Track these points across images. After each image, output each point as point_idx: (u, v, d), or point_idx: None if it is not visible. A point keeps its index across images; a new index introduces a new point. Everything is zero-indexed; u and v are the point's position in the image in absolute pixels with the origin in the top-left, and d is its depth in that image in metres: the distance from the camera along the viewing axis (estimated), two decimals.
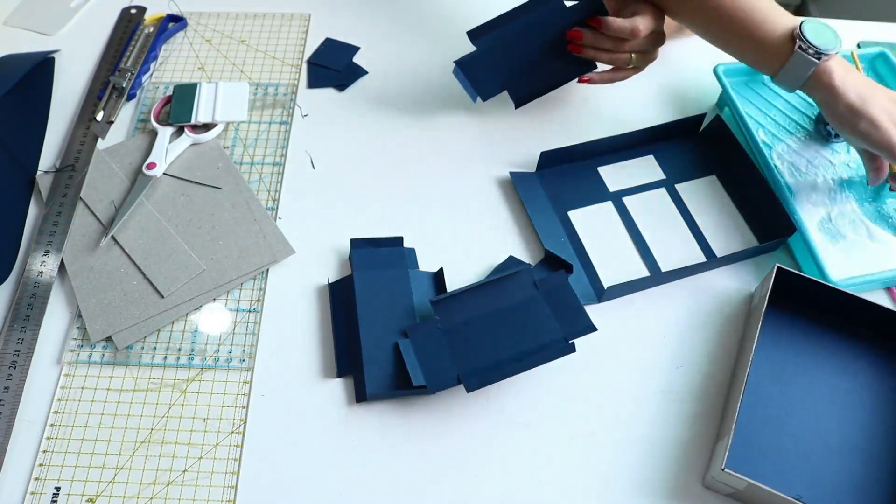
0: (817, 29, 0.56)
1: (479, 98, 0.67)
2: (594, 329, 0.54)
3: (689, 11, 0.62)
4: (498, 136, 0.71)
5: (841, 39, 0.57)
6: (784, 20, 0.58)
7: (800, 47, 0.56)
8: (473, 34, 0.62)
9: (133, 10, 0.80)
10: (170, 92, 0.72)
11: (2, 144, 0.67)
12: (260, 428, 0.54)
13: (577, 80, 0.67)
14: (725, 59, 0.65)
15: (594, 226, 0.64)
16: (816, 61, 0.56)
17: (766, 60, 0.59)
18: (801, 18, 0.58)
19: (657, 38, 0.65)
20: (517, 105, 0.69)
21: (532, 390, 0.56)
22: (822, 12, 1.29)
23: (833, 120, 0.58)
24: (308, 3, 0.82)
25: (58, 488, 0.51)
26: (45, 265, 0.61)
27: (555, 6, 0.61)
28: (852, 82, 0.56)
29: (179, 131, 0.69)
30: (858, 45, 0.78)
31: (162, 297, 0.59)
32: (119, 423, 0.54)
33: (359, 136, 0.71)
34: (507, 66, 0.66)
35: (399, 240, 0.61)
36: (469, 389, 0.52)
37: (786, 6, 0.59)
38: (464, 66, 0.65)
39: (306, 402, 0.55)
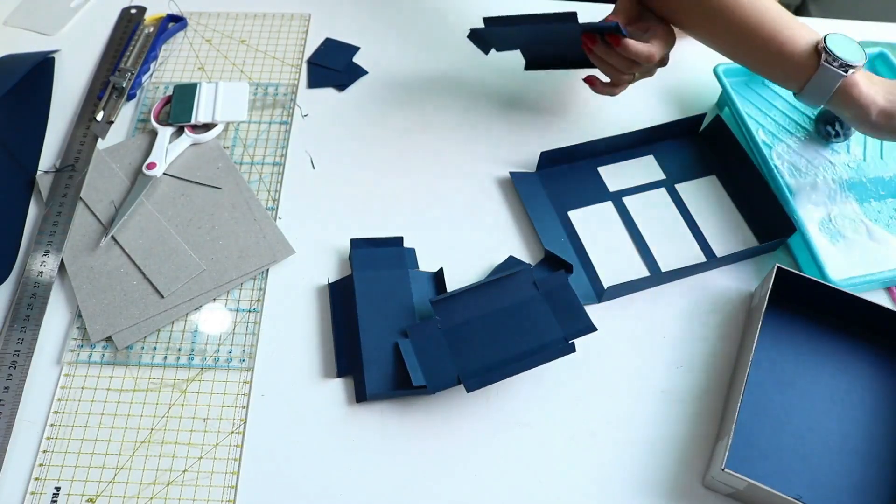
0: (841, 42, 0.56)
1: (492, 51, 0.68)
2: (594, 329, 0.54)
3: (714, 31, 0.61)
4: (498, 136, 0.71)
5: (865, 52, 0.56)
6: (807, 34, 0.57)
7: (826, 60, 0.55)
8: (488, 21, 0.62)
9: (133, 10, 0.80)
10: (170, 92, 0.72)
11: (2, 144, 0.67)
12: (260, 428, 0.54)
13: (584, 78, 0.67)
14: (725, 58, 0.65)
15: (594, 226, 0.64)
16: (844, 74, 0.55)
17: (791, 76, 0.58)
18: (824, 32, 0.57)
19: (663, 61, 0.65)
20: (527, 67, 0.70)
21: (532, 390, 0.56)
22: (822, 12, 1.29)
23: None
24: (308, 3, 0.82)
25: (58, 488, 0.51)
26: (45, 265, 0.60)
27: (572, 25, 0.61)
28: (878, 88, 0.56)
29: (179, 131, 0.69)
30: None
31: (162, 297, 0.59)
32: (119, 423, 0.54)
33: (359, 135, 0.71)
34: (520, 40, 0.66)
35: (399, 240, 0.61)
36: (469, 390, 0.52)
37: (786, 6, 0.59)
38: (479, 31, 0.64)
39: (306, 402, 0.55)
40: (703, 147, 0.69)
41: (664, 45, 0.62)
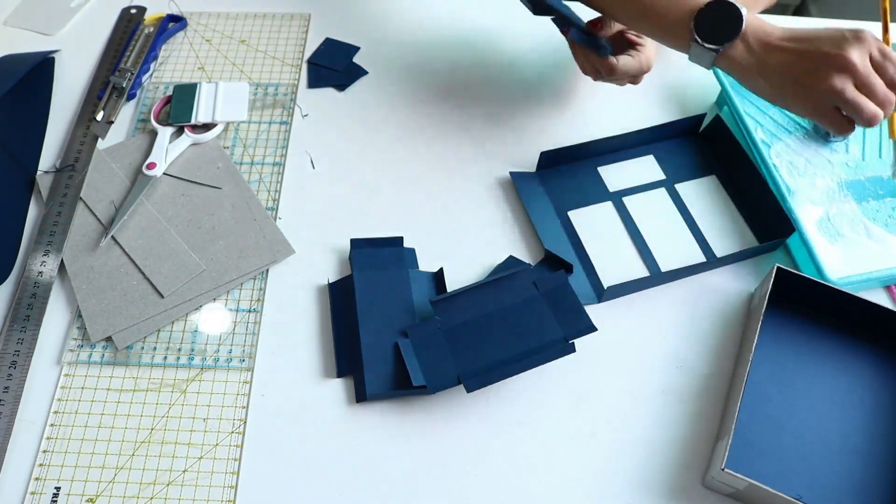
0: (717, 17, 0.54)
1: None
2: (594, 329, 0.54)
3: None
4: (498, 136, 0.71)
5: (745, 20, 0.55)
6: (683, 6, 0.56)
7: (695, 39, 0.55)
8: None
9: (133, 10, 0.80)
10: (170, 92, 0.72)
11: (2, 144, 0.67)
12: (260, 428, 0.54)
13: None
14: None
15: (594, 226, 0.64)
16: (714, 52, 0.55)
17: (674, 46, 0.59)
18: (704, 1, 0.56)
19: (635, 80, 0.66)
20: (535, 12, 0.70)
21: (532, 390, 0.56)
22: (822, 12, 1.29)
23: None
24: (308, 3, 0.82)
25: (58, 488, 0.51)
26: (45, 265, 0.61)
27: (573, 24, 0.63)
28: (752, 59, 0.55)
29: (179, 131, 0.69)
30: None
31: (162, 297, 0.59)
32: (119, 423, 0.54)
33: (359, 135, 0.71)
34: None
35: (399, 240, 0.61)
36: (469, 390, 0.52)
37: (786, 6, 0.59)
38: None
39: (306, 402, 0.55)
40: (702, 147, 0.69)
41: (642, 61, 0.64)
